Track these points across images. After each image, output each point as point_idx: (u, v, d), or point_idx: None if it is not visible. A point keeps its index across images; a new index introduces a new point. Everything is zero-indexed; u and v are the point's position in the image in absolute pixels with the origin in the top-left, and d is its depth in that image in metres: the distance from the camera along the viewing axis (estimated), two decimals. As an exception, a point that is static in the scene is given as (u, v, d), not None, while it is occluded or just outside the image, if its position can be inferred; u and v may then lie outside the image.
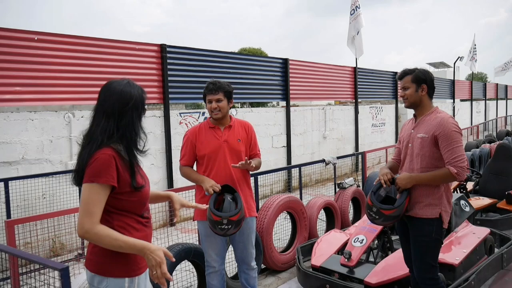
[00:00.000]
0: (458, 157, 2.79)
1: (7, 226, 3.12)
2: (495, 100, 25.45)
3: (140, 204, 2.03)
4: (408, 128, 3.14)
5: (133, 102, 1.97)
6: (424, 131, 2.93)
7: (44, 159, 5.70)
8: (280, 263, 4.59)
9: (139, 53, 6.76)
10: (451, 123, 2.85)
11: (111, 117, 1.93)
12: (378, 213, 2.97)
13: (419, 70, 3.02)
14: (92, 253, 1.98)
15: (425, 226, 2.93)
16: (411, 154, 3.02)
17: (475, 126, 17.23)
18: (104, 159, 1.86)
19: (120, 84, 1.99)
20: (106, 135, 1.91)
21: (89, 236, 1.85)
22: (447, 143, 2.81)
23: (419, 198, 2.95)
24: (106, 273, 1.94)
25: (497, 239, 4.68)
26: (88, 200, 1.85)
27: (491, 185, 6.42)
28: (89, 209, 1.84)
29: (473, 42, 21.98)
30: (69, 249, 5.53)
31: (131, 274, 1.98)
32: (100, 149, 1.88)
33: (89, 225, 1.84)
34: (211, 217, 2.93)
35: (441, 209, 2.92)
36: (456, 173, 2.78)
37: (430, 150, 2.90)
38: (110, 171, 1.86)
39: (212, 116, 3.23)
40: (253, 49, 28.74)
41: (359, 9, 11.75)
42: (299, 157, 9.98)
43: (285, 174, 8.43)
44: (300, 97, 10.36)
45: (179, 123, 7.33)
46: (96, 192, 1.85)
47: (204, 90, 3.24)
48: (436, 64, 49.52)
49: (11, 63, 5.35)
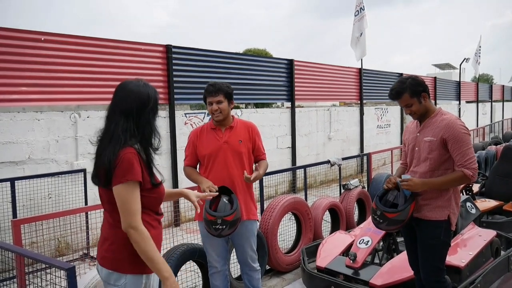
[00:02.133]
0: (470, 159, 2.78)
1: (13, 225, 3.13)
2: (501, 102, 25.31)
3: (158, 201, 2.08)
4: (413, 131, 3.11)
5: (152, 102, 2.01)
6: (431, 134, 2.90)
7: (50, 159, 5.73)
8: (285, 264, 4.58)
9: (145, 53, 6.78)
10: (459, 125, 2.83)
11: (129, 117, 1.96)
12: (382, 216, 2.96)
13: (410, 83, 2.93)
14: (109, 251, 2.00)
15: (433, 229, 2.91)
16: (418, 157, 3.00)
17: (481, 128, 17.12)
18: (130, 158, 1.89)
19: (137, 85, 2.02)
20: (128, 134, 1.94)
21: (134, 233, 1.88)
22: (458, 145, 2.79)
23: (428, 201, 2.93)
24: (125, 270, 1.97)
25: (503, 241, 4.65)
26: (127, 199, 1.88)
27: (497, 187, 6.37)
28: (131, 208, 1.88)
29: (479, 44, 21.88)
30: (75, 249, 5.54)
31: (148, 271, 2.01)
32: (124, 149, 1.90)
33: (136, 223, 1.88)
34: (206, 216, 2.94)
35: (450, 211, 2.91)
36: (471, 175, 2.77)
37: (439, 153, 2.88)
38: (137, 168, 1.90)
39: (213, 118, 3.22)
40: (258, 50, 28.73)
41: (364, 11, 11.72)
42: (304, 158, 9.96)
43: (290, 175, 8.40)
44: (305, 98, 10.35)
45: (184, 124, 7.34)
46: (132, 191, 1.89)
47: (204, 92, 3.22)
48: (442, 65, 49.37)
49: (17, 63, 5.38)
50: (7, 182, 4.99)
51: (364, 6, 11.74)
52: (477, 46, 21.77)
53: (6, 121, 5.31)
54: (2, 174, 5.21)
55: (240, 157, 3.24)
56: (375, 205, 3.00)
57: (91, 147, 6.09)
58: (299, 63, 9.84)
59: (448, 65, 48.81)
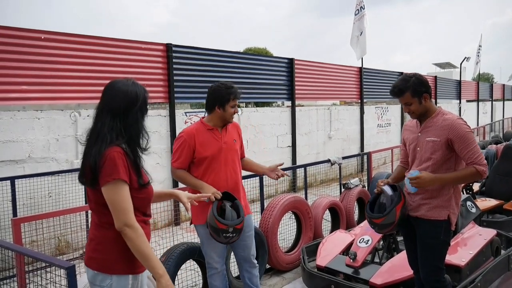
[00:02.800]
0: (479, 156, 2.79)
1: (13, 224, 3.13)
2: (501, 101, 25.29)
3: (146, 202, 2.05)
4: (413, 130, 3.09)
5: (140, 102, 1.99)
6: (435, 135, 2.89)
7: (50, 157, 5.73)
8: (285, 263, 4.58)
9: (145, 52, 6.77)
10: (463, 124, 2.83)
11: (117, 116, 1.94)
12: (371, 222, 3.02)
13: (414, 82, 2.89)
14: (96, 251, 1.98)
15: (433, 228, 2.91)
16: (419, 157, 2.98)
17: (481, 127, 17.11)
18: (116, 157, 1.86)
19: (126, 84, 2.00)
20: (114, 133, 1.91)
21: (129, 230, 1.85)
22: (465, 144, 2.79)
23: (428, 200, 2.93)
24: (110, 270, 1.94)
25: (503, 240, 4.65)
26: (117, 198, 1.85)
27: (497, 186, 6.37)
28: (122, 207, 1.85)
29: (479, 43, 21.86)
30: (75, 247, 5.55)
31: (135, 271, 1.99)
32: (110, 148, 1.88)
33: (131, 220, 1.86)
34: (216, 225, 2.88)
35: (450, 211, 2.91)
36: (484, 170, 2.77)
37: (442, 154, 2.87)
38: (122, 167, 1.87)
39: (231, 120, 3.22)
40: (258, 49, 28.64)
41: (364, 10, 11.71)
42: (304, 157, 9.96)
43: (290, 174, 8.40)
44: (306, 97, 10.34)
45: (184, 123, 7.34)
46: (120, 189, 1.86)
47: (229, 94, 3.11)
48: (442, 64, 49.29)
49: (18, 62, 5.38)
50: (7, 180, 4.99)
51: (364, 5, 11.74)
52: (478, 45, 21.75)
53: (6, 119, 5.31)
54: (2, 173, 5.21)
55: (237, 156, 3.30)
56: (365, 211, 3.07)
57: (91, 146, 6.09)
58: (299, 62, 9.83)
59: (449, 64, 48.71)
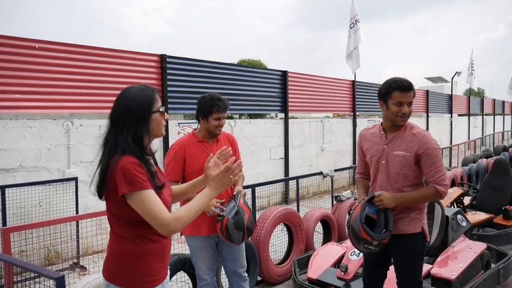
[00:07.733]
0: (443, 175, 2.70)
1: (2, 233, 3.10)
2: (492, 115, 25.59)
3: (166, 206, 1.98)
4: (377, 141, 2.88)
5: (152, 106, 1.93)
6: (404, 149, 2.75)
7: (41, 167, 5.69)
8: (276, 276, 4.57)
9: (139, 63, 6.80)
10: (433, 141, 2.75)
11: (126, 125, 1.87)
12: (374, 242, 2.72)
13: None
14: (107, 261, 1.94)
15: (411, 242, 2.81)
16: (386, 172, 2.83)
17: (472, 141, 17.29)
18: (128, 168, 1.80)
19: (137, 90, 1.94)
20: (126, 142, 1.85)
21: (175, 226, 1.82)
22: (432, 161, 2.70)
23: (402, 214, 2.81)
24: (120, 283, 1.89)
25: (493, 254, 4.67)
26: (147, 205, 1.80)
27: (488, 200, 6.42)
28: (153, 211, 1.80)
29: (471, 57, 22.17)
30: (64, 258, 5.49)
31: (147, 286, 1.92)
32: (121, 158, 1.82)
33: (167, 221, 1.81)
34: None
35: (423, 223, 2.84)
36: (444, 192, 2.70)
37: (412, 169, 2.76)
38: (139, 176, 1.81)
39: (216, 132, 3.16)
40: (252, 60, 28.86)
41: (359, 23, 11.83)
42: (297, 169, 9.98)
43: (283, 186, 8.41)
44: (299, 109, 10.40)
45: (177, 133, 7.34)
46: (148, 195, 1.81)
47: (212, 106, 3.09)
48: (434, 78, 49.90)
49: (11, 70, 5.38)
50: (-2, 189, 4.95)
51: (359, 18, 11.85)
52: (470, 61, 22.04)
53: (-2, 128, 5.28)
54: (-7, 182, 5.17)
55: None
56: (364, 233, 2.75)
57: (83, 156, 6.07)
58: (293, 75, 9.90)
59: (440, 78, 49.33)
